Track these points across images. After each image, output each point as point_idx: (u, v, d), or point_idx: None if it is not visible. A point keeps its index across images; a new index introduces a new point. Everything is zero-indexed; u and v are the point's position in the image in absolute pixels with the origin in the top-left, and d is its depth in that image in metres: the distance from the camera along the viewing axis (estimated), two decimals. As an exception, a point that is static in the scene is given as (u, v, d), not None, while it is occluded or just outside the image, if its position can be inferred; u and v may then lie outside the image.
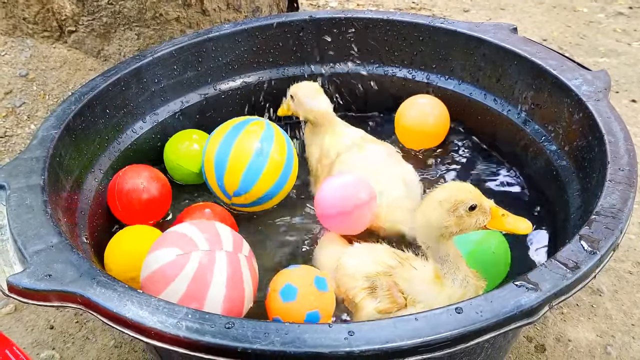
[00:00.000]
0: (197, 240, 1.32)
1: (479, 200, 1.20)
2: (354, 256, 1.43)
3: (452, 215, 1.19)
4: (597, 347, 1.53)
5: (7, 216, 1.24)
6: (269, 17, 1.96)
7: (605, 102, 1.44)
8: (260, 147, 1.62)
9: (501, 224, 1.22)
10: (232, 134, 1.64)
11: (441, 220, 1.20)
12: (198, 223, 1.40)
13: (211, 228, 1.38)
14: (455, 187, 1.23)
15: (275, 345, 0.94)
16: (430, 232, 1.23)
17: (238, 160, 1.61)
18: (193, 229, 1.35)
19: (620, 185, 1.22)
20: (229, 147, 1.62)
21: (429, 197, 1.24)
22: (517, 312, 0.98)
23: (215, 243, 1.33)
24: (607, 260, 1.10)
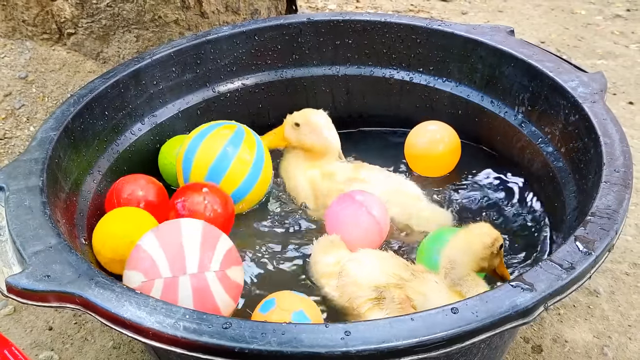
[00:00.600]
0: (159, 265, 1.29)
1: (502, 243, 1.32)
2: (362, 263, 1.40)
3: (488, 250, 1.29)
4: (594, 348, 1.54)
5: (6, 217, 1.24)
6: (268, 20, 1.97)
7: (601, 104, 1.45)
8: (225, 149, 1.63)
9: (502, 267, 1.36)
10: (200, 135, 1.67)
11: (479, 252, 1.29)
12: (163, 236, 1.34)
13: (175, 244, 1.32)
14: (488, 226, 1.33)
15: (272, 345, 0.94)
16: (465, 260, 1.30)
17: (202, 161, 1.63)
18: (156, 249, 1.31)
19: (615, 186, 1.22)
20: (195, 147, 1.65)
21: (470, 232, 1.32)
22: (513, 312, 0.99)
23: (179, 267, 1.28)
24: (602, 261, 1.11)
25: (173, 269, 1.28)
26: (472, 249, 1.30)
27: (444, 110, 1.91)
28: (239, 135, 1.67)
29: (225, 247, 1.36)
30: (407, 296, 1.28)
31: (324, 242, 1.51)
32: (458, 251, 1.31)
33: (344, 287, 1.38)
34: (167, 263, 1.29)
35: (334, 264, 1.44)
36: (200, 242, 1.33)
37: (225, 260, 1.33)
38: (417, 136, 1.85)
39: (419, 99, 1.96)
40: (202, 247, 1.32)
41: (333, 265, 1.44)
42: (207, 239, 1.34)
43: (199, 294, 1.28)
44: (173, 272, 1.28)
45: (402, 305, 1.27)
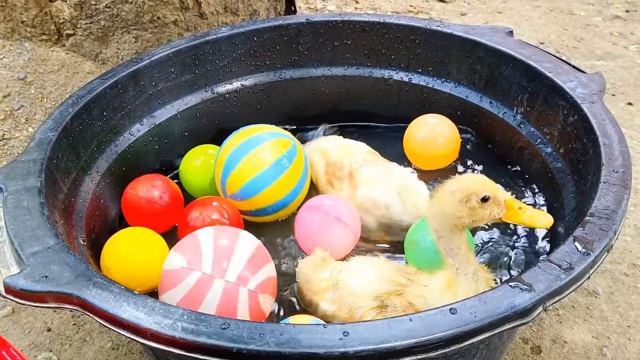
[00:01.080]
0: (204, 260, 1.32)
1: (493, 192, 1.22)
2: (358, 273, 1.37)
3: (465, 206, 1.22)
4: (593, 348, 1.53)
5: (4, 218, 1.24)
6: (267, 20, 1.97)
7: (600, 105, 1.45)
8: (280, 160, 1.62)
9: (517, 217, 1.24)
10: (255, 140, 1.65)
11: (454, 210, 1.23)
12: (219, 237, 1.37)
13: (227, 248, 1.35)
14: (468, 178, 1.26)
15: (271, 346, 0.94)
16: (443, 221, 1.25)
17: (249, 168, 1.61)
18: (209, 245, 1.35)
19: (614, 187, 1.22)
20: (244, 153, 1.63)
21: (443, 187, 1.26)
22: (511, 312, 0.98)
23: (220, 270, 1.31)
24: (600, 262, 1.10)
25: (214, 269, 1.31)
26: (445, 211, 1.25)
27: (443, 111, 1.90)
28: (293, 152, 1.66)
29: (268, 274, 1.38)
30: (409, 302, 1.27)
31: (315, 261, 1.45)
32: (435, 218, 1.28)
33: (342, 298, 1.34)
34: (211, 261, 1.32)
35: (327, 279, 1.40)
36: (249, 257, 1.36)
37: (263, 285, 1.35)
38: (417, 129, 1.85)
39: (417, 100, 1.96)
40: (248, 263, 1.35)
41: (327, 280, 1.40)
42: (256, 258, 1.37)
43: (225, 302, 1.30)
44: (213, 272, 1.30)
45: (405, 312, 1.24)
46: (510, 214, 1.24)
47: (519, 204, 1.24)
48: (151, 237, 1.53)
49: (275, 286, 1.42)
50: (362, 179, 1.67)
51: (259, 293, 1.34)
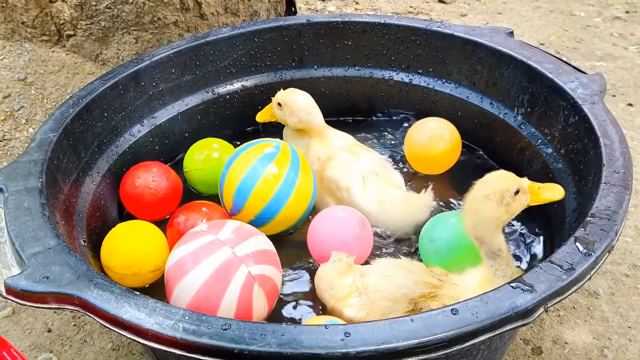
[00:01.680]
0: (224, 229, 1.39)
1: (519, 182, 1.26)
2: (389, 277, 1.35)
3: (502, 205, 1.24)
4: (594, 349, 1.53)
5: (5, 219, 1.24)
6: (267, 21, 1.97)
7: (601, 105, 1.45)
8: (254, 167, 1.59)
9: (540, 198, 1.28)
10: (236, 153, 1.65)
11: (493, 213, 1.25)
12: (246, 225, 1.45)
13: (249, 230, 1.42)
14: (495, 178, 1.28)
15: (272, 347, 0.94)
16: (485, 227, 1.27)
17: (232, 179, 1.61)
18: (234, 223, 1.43)
19: (615, 187, 1.22)
20: (229, 165, 1.63)
21: (474, 194, 1.28)
22: (513, 313, 0.98)
23: (233, 239, 1.37)
24: (602, 262, 1.10)
25: (228, 239, 1.37)
26: (484, 217, 1.27)
27: (443, 112, 1.90)
28: (272, 153, 1.62)
29: (273, 275, 1.41)
30: (444, 306, 1.26)
31: (340, 267, 1.41)
32: (474, 227, 1.29)
33: (373, 303, 1.32)
34: (230, 232, 1.39)
35: (351, 285, 1.37)
36: (263, 249, 1.41)
37: (264, 280, 1.37)
38: (417, 133, 1.84)
39: (418, 101, 1.96)
40: (261, 253, 1.39)
41: (350, 286, 1.37)
42: (269, 255, 1.41)
43: (224, 269, 1.32)
44: (225, 240, 1.36)
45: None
46: (534, 197, 1.28)
47: (537, 185, 1.29)
48: (150, 229, 1.56)
49: (274, 294, 1.41)
50: (333, 163, 1.70)
51: (256, 282, 1.34)
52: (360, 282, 1.36)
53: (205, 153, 1.79)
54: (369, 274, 1.37)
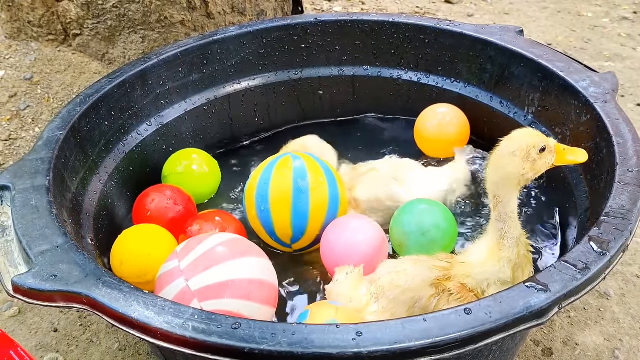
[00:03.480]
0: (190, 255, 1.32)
1: (546, 141, 1.25)
2: (402, 272, 1.34)
3: (527, 162, 1.23)
4: (605, 351, 1.52)
5: (12, 217, 1.23)
6: (275, 20, 1.96)
7: (613, 104, 1.44)
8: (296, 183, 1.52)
9: (564, 159, 1.27)
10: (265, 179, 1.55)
11: (518, 169, 1.24)
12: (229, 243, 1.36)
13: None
14: (521, 134, 1.27)
15: (283, 346, 0.93)
16: (507, 184, 1.26)
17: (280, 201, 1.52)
18: (200, 259, 1.31)
19: (629, 186, 1.21)
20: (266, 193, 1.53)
21: (499, 151, 1.27)
22: (527, 313, 0.97)
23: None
24: (616, 262, 1.09)
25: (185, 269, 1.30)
26: (508, 174, 1.25)
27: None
28: (300, 165, 1.55)
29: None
30: (461, 284, 1.27)
31: (354, 278, 1.39)
32: (496, 184, 1.28)
33: (395, 301, 1.30)
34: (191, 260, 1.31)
35: (366, 293, 1.36)
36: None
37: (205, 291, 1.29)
38: (427, 119, 1.87)
39: (427, 100, 1.95)
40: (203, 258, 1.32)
41: (366, 294, 1.36)
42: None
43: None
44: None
45: (460, 294, 1.25)
46: (559, 158, 1.27)
47: (562, 147, 1.28)
48: (160, 233, 1.52)
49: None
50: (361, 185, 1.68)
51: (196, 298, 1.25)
52: (373, 288, 1.35)
53: (184, 164, 1.75)
54: (379, 277, 1.36)
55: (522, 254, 1.29)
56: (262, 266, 1.33)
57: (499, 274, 1.27)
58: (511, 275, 1.28)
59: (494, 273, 1.27)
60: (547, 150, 1.25)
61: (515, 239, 1.28)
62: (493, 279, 1.27)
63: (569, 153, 1.27)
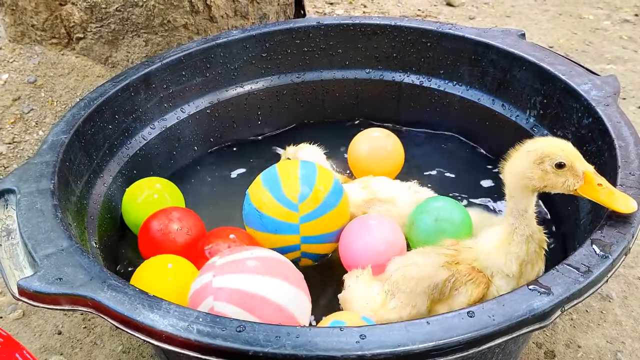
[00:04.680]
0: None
1: (570, 160, 1.16)
2: (411, 264, 1.34)
3: (537, 168, 1.17)
4: (607, 353, 1.52)
5: (18, 220, 1.24)
6: (278, 24, 1.97)
7: (615, 107, 1.44)
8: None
9: (595, 194, 1.16)
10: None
11: (525, 170, 1.19)
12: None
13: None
14: (548, 141, 1.22)
15: (287, 349, 0.93)
16: (516, 181, 1.22)
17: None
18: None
19: (631, 189, 1.21)
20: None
21: (522, 146, 1.23)
22: (530, 315, 0.98)
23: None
24: (619, 264, 1.09)
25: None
26: (517, 170, 1.21)
27: (454, 114, 1.90)
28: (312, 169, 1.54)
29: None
30: (471, 267, 1.27)
31: (364, 280, 1.39)
32: (508, 176, 1.24)
33: (412, 294, 1.30)
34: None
35: (379, 292, 1.36)
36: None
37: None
38: (360, 143, 1.80)
39: (429, 103, 1.95)
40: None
41: (380, 293, 1.36)
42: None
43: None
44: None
45: (472, 274, 1.26)
46: (588, 189, 1.16)
47: (600, 180, 1.16)
48: (181, 264, 1.43)
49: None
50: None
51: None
52: (386, 285, 1.35)
53: (145, 193, 1.63)
54: (391, 274, 1.36)
55: (533, 251, 1.26)
56: (293, 296, 1.28)
57: (503, 267, 1.26)
58: (517, 270, 1.26)
59: (499, 265, 1.26)
60: (567, 170, 1.16)
61: (525, 236, 1.25)
62: (496, 270, 1.27)
63: (603, 191, 1.16)
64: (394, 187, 1.64)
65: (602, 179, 1.17)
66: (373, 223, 1.50)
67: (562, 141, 1.20)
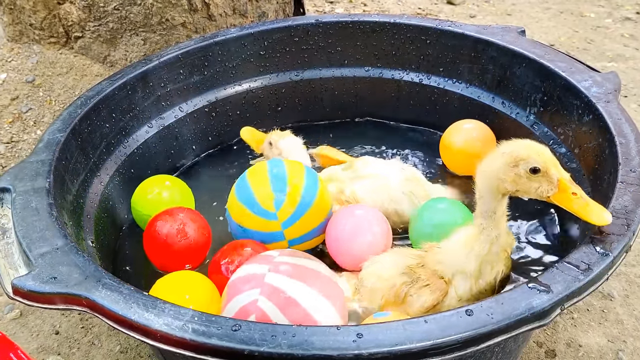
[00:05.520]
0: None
1: (546, 166, 1.11)
2: (381, 261, 1.37)
3: (510, 171, 1.13)
4: (609, 352, 1.51)
5: (13, 219, 1.23)
6: (276, 21, 1.96)
7: (616, 104, 1.43)
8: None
9: (568, 203, 1.12)
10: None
11: (498, 172, 1.15)
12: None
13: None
14: (524, 144, 1.16)
15: (283, 348, 0.92)
16: (487, 182, 1.18)
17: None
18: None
19: (632, 186, 1.20)
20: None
21: (499, 147, 1.19)
22: (529, 314, 0.96)
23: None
24: (619, 262, 1.08)
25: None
26: (489, 170, 1.17)
27: (454, 112, 1.88)
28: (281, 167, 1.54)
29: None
30: (432, 270, 1.27)
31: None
32: (480, 175, 1.20)
33: (372, 289, 1.33)
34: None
35: (349, 287, 1.40)
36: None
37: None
38: (453, 135, 1.81)
39: (428, 101, 1.94)
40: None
41: (349, 288, 1.40)
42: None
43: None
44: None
45: (430, 281, 1.25)
46: (561, 197, 1.12)
47: (575, 189, 1.11)
48: (199, 281, 1.37)
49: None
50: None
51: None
52: (357, 280, 1.40)
53: (155, 191, 1.63)
54: (366, 266, 1.40)
55: (495, 252, 1.23)
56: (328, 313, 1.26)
57: (462, 265, 1.24)
58: (476, 269, 1.24)
59: (459, 263, 1.25)
60: (542, 176, 1.12)
61: (491, 237, 1.22)
62: (456, 269, 1.25)
63: (577, 201, 1.11)
64: (378, 164, 1.66)
65: (577, 188, 1.13)
66: (358, 212, 1.52)
67: (539, 145, 1.16)
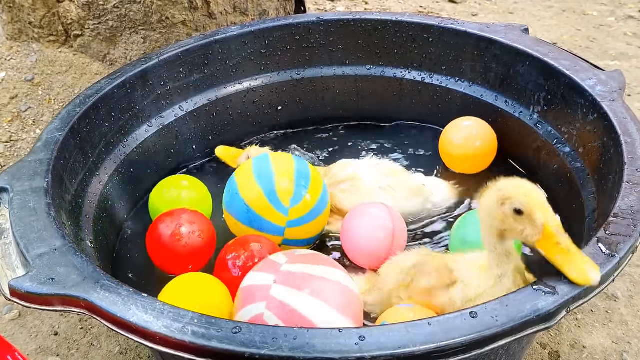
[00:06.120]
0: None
1: (530, 209, 1.05)
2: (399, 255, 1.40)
3: (500, 209, 1.09)
4: (613, 353, 1.49)
5: (10, 219, 1.21)
6: (277, 19, 1.94)
7: (621, 103, 1.41)
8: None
9: (551, 252, 1.04)
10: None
11: (491, 208, 1.12)
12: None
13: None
14: (515, 183, 1.12)
15: (284, 351, 0.91)
16: (483, 217, 1.16)
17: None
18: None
19: (638, 186, 1.18)
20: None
21: (495, 184, 1.14)
22: (534, 316, 0.95)
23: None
24: (625, 264, 1.07)
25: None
26: (487, 204, 1.13)
27: (457, 111, 1.87)
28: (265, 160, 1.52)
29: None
30: (444, 263, 1.28)
31: (361, 281, 1.44)
32: (480, 209, 1.17)
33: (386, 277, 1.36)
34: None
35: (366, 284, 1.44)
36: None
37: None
38: (452, 132, 1.81)
39: (431, 100, 1.93)
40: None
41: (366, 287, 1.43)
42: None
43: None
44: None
45: (438, 272, 1.27)
46: (544, 245, 1.05)
47: (558, 239, 1.03)
48: (210, 283, 1.34)
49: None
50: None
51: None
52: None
53: (172, 191, 1.62)
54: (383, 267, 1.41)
55: (499, 290, 1.18)
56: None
57: (470, 280, 1.23)
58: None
59: (469, 278, 1.23)
60: (525, 218, 1.06)
61: (495, 275, 1.19)
62: (465, 282, 1.24)
63: (559, 252, 1.02)
64: (354, 165, 1.68)
65: (563, 237, 1.03)
66: (373, 211, 1.52)
67: (531, 187, 1.10)
